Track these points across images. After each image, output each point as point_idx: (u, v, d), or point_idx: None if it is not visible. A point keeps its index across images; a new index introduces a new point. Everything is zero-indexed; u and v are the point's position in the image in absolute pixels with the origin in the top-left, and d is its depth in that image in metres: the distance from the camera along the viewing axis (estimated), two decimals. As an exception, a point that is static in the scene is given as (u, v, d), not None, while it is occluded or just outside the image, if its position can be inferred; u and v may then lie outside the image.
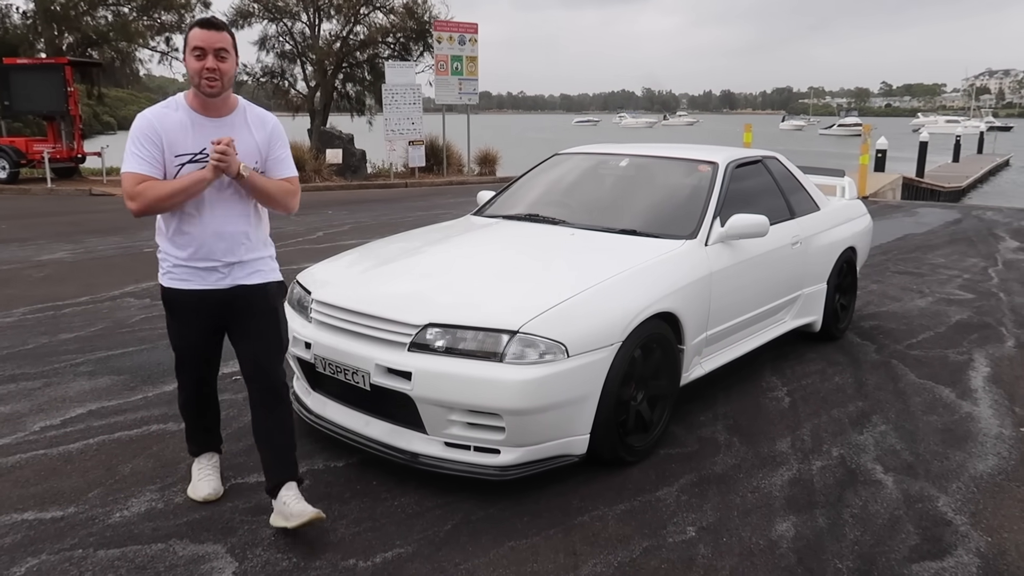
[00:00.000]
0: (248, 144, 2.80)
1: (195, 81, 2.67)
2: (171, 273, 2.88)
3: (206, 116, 2.76)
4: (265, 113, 2.92)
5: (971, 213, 12.98)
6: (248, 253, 2.90)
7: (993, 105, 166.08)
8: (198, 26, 2.66)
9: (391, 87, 17.65)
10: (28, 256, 8.51)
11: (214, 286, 2.85)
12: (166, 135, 2.70)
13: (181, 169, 2.72)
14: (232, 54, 2.71)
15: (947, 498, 3.28)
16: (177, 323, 2.96)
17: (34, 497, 3.19)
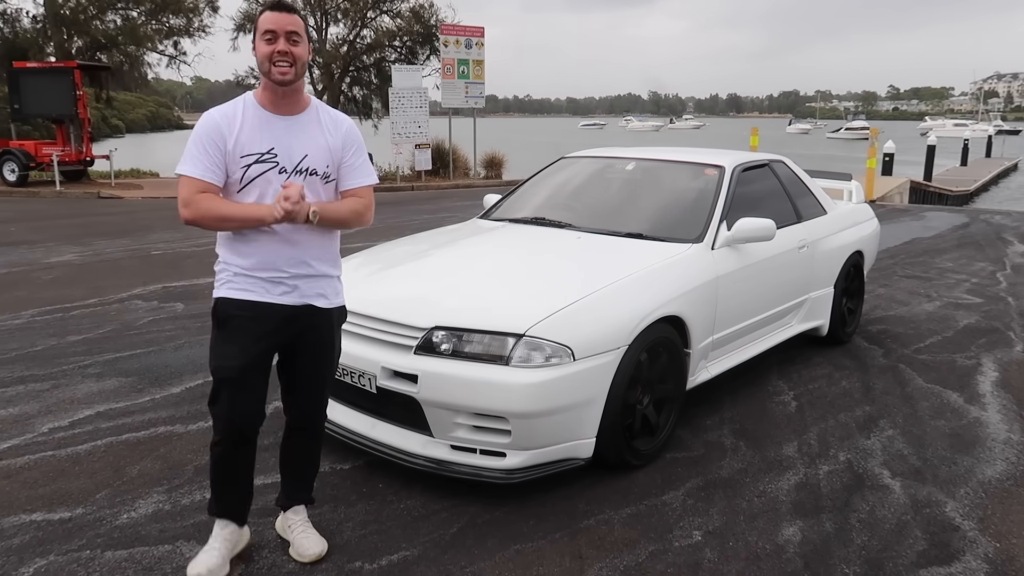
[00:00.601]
0: (320, 147, 2.56)
1: (265, 68, 2.44)
2: (231, 283, 2.55)
3: (276, 114, 2.52)
4: (339, 115, 2.68)
5: (979, 217, 12.93)
6: (317, 266, 2.60)
7: (1001, 109, 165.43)
8: (269, 9, 2.45)
9: (398, 91, 17.69)
10: (37, 258, 8.55)
11: (278, 300, 2.55)
12: (232, 135, 2.46)
13: (247, 170, 2.47)
14: (304, 39, 2.48)
15: (955, 503, 3.26)
16: (227, 339, 2.56)
17: (42, 498, 3.20)
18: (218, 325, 2.59)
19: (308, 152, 2.53)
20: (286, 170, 2.50)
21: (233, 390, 2.58)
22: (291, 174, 2.50)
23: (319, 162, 2.55)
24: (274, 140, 2.49)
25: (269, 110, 2.51)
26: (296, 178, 2.51)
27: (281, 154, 2.50)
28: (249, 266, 2.53)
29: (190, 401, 4.28)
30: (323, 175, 2.57)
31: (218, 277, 2.60)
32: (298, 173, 2.51)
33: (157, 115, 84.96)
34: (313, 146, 2.55)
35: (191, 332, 5.64)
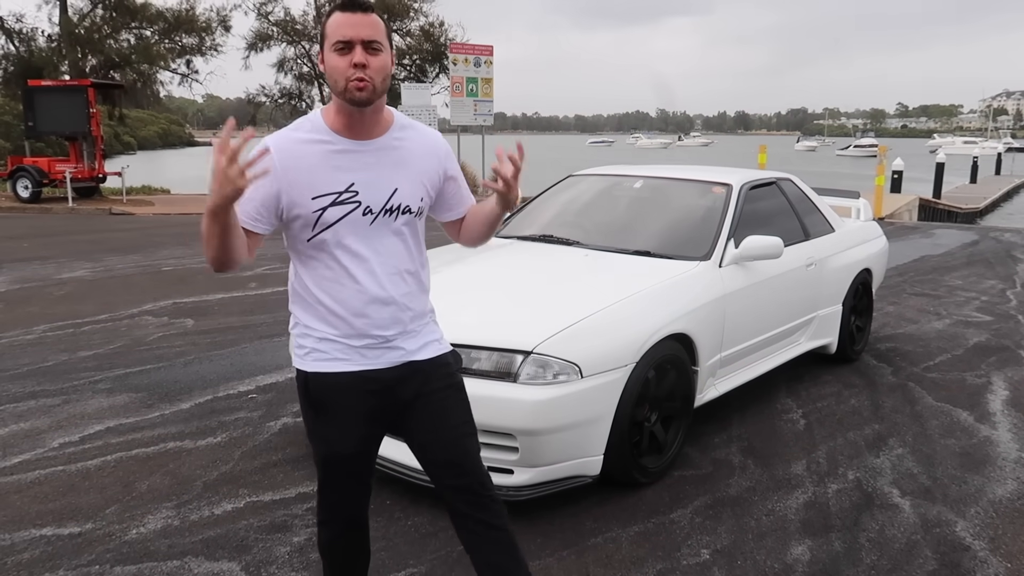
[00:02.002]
0: (413, 177, 2.03)
1: (338, 86, 1.89)
2: (316, 352, 2.05)
3: (354, 140, 1.97)
4: (429, 130, 2.15)
5: (989, 235, 12.89)
6: (415, 321, 2.10)
7: (1011, 126, 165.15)
8: (340, 10, 1.89)
9: (407, 108, 17.80)
10: (49, 274, 8.62)
11: (374, 365, 2.04)
12: (292, 172, 1.93)
13: (322, 214, 1.94)
14: (386, 47, 1.93)
15: (965, 523, 3.24)
16: (326, 421, 2.08)
17: (52, 513, 3.22)
18: (311, 405, 2.09)
19: (398, 185, 2.00)
20: (372, 211, 1.97)
21: (345, 476, 2.13)
22: (379, 215, 1.98)
23: (412, 196, 2.03)
24: (355, 173, 1.96)
25: (345, 136, 1.97)
26: (385, 219, 1.99)
27: (364, 191, 1.96)
28: (335, 333, 2.03)
29: (199, 417, 4.30)
30: (417, 212, 2.05)
31: (297, 344, 2.10)
32: (388, 213, 1.99)
33: (169, 132, 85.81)
34: (404, 176, 2.02)
35: (201, 348, 5.67)
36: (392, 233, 2.02)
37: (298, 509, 3.27)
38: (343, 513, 2.19)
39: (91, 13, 19.65)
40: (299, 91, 22.04)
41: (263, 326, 6.31)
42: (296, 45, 21.31)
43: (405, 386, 2.07)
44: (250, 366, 5.23)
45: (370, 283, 1.99)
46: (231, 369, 5.16)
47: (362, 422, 2.07)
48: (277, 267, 9.10)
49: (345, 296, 1.99)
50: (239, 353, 5.54)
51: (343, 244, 1.97)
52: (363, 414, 2.06)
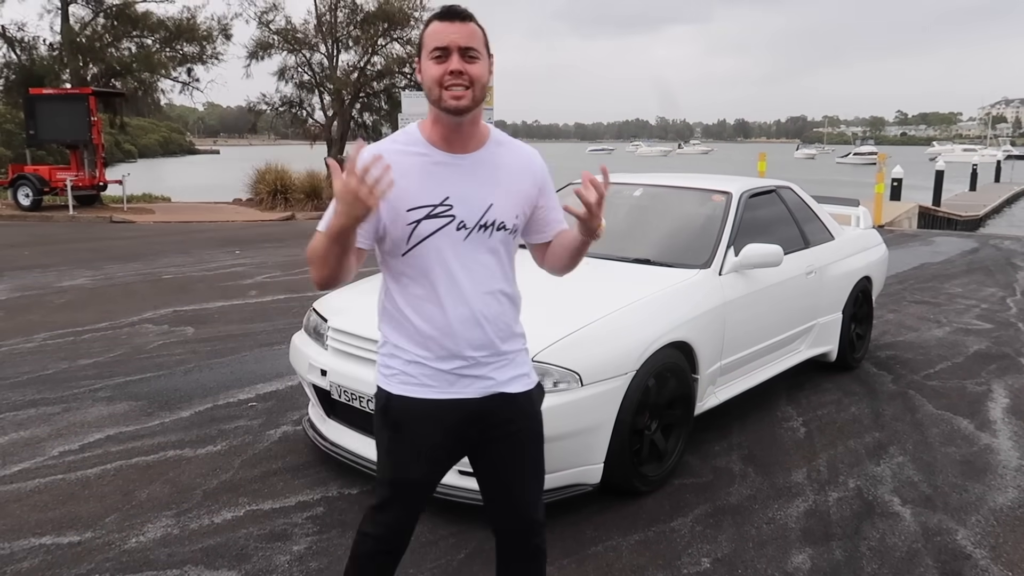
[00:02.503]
0: (508, 192, 1.97)
1: (434, 94, 1.87)
2: (403, 375, 2.00)
3: (450, 152, 1.93)
4: (524, 146, 2.09)
5: (988, 242, 12.90)
6: (507, 342, 2.03)
7: (1010, 134, 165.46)
8: (438, 19, 1.86)
9: (407, 116, 17.81)
10: (49, 282, 8.63)
11: (462, 394, 1.98)
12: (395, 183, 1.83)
13: (416, 227, 1.89)
14: (484, 55, 1.88)
15: (966, 531, 3.24)
16: (401, 444, 2.03)
17: (52, 521, 3.22)
18: (390, 426, 2.04)
19: (493, 200, 1.94)
20: (466, 226, 1.91)
21: (407, 499, 2.07)
22: (473, 230, 1.92)
23: (507, 212, 1.96)
24: (450, 187, 1.91)
25: (441, 148, 1.93)
26: (480, 235, 1.93)
27: (459, 205, 1.90)
28: (425, 355, 1.96)
29: (199, 425, 4.30)
30: (512, 228, 1.99)
31: (384, 364, 2.06)
32: (482, 229, 1.93)
33: (170, 140, 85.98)
34: (500, 192, 1.96)
35: (201, 356, 5.67)
36: (486, 250, 1.95)
37: (298, 518, 3.27)
38: (394, 531, 2.10)
39: (92, 22, 19.73)
40: (300, 99, 22.06)
41: (263, 334, 6.31)
42: (297, 54, 21.36)
43: (490, 418, 2.00)
44: (250, 374, 5.23)
45: (462, 301, 1.93)
46: (231, 377, 5.16)
47: (439, 450, 2.02)
48: (277, 275, 9.11)
49: (436, 315, 1.93)
50: (239, 361, 5.54)
51: (436, 260, 1.91)
52: (441, 443, 2.01)
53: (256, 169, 18.71)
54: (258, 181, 18.46)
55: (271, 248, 11.50)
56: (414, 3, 20.91)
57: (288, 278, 8.92)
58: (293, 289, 8.23)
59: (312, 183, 17.78)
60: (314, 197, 17.50)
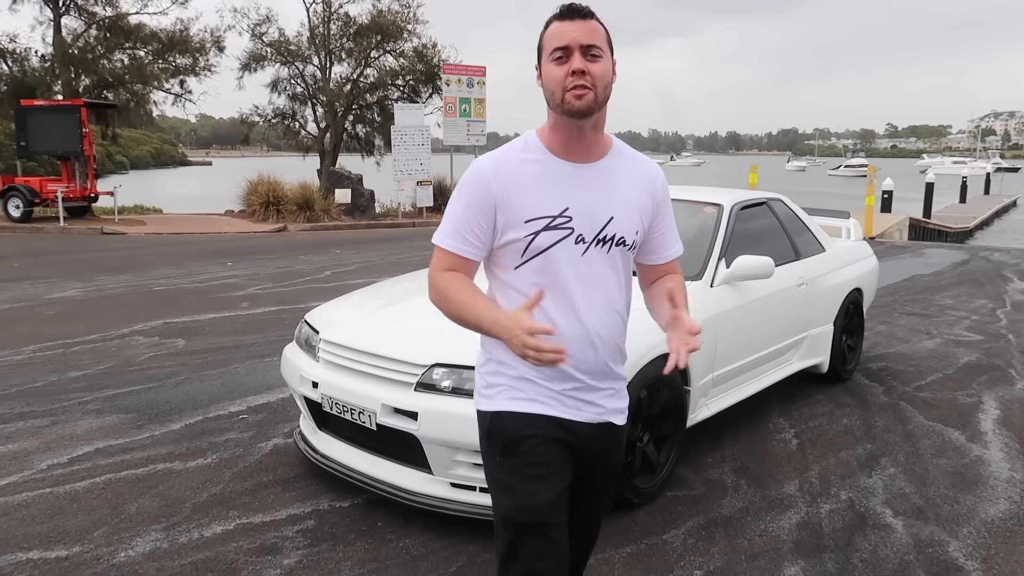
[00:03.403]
0: (629, 206, 1.85)
1: (556, 97, 1.75)
2: (513, 390, 1.84)
3: (570, 161, 1.82)
4: (645, 159, 1.96)
5: (978, 254, 12.98)
6: (618, 365, 1.94)
7: (1000, 147, 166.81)
8: (557, 19, 1.76)
9: (400, 128, 17.89)
10: (39, 294, 8.58)
11: (573, 415, 1.86)
12: (508, 194, 1.79)
13: (534, 239, 1.78)
14: (607, 53, 1.77)
15: (958, 543, 3.24)
16: (520, 467, 1.81)
17: (39, 536, 3.19)
18: (502, 451, 1.83)
19: (614, 214, 1.83)
20: (584, 239, 1.80)
21: (542, 537, 1.78)
22: (591, 244, 1.81)
23: (628, 227, 1.85)
24: (571, 197, 1.80)
25: (561, 156, 1.82)
26: (598, 249, 1.82)
27: (578, 217, 1.80)
28: (536, 374, 1.83)
29: (190, 438, 4.27)
30: (632, 244, 1.88)
31: (486, 383, 1.89)
32: (600, 243, 1.82)
33: (162, 152, 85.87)
34: (621, 205, 1.84)
35: (191, 368, 5.64)
36: (604, 266, 1.84)
37: (289, 531, 3.24)
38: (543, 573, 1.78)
39: (85, 34, 19.73)
40: (292, 111, 22.09)
41: (255, 346, 6.29)
42: (290, 66, 21.40)
43: (594, 446, 1.90)
44: (241, 386, 5.20)
45: (576, 319, 1.82)
46: (222, 389, 5.14)
47: (558, 470, 1.83)
48: (268, 287, 9.09)
49: (561, 328, 1.80)
50: (230, 373, 5.52)
51: (552, 274, 1.80)
52: (558, 462, 1.83)
53: (248, 181, 18.70)
54: (250, 193, 18.44)
55: (263, 260, 11.48)
56: (407, 16, 21.02)
57: (280, 290, 8.90)
58: (285, 301, 8.21)
59: (304, 195, 17.76)
60: (306, 209, 17.48)
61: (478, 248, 1.83)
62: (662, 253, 1.99)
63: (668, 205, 1.97)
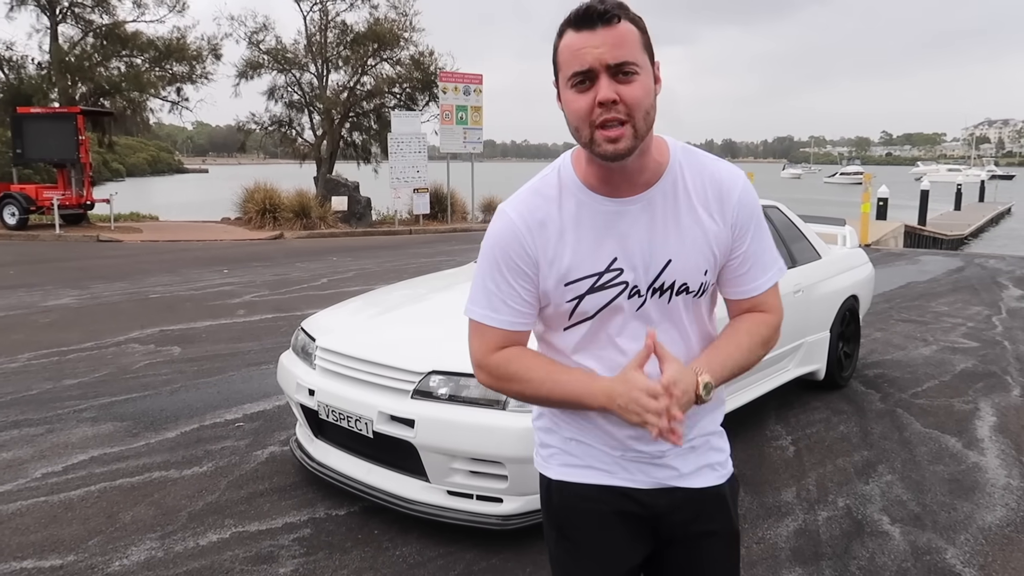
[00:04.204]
0: (693, 242, 1.45)
1: (583, 136, 1.36)
2: (563, 455, 1.57)
3: (612, 197, 1.44)
4: (720, 167, 1.50)
5: (974, 261, 13.01)
6: (695, 427, 1.54)
7: (994, 154, 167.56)
8: (571, 27, 1.34)
9: (397, 136, 17.92)
10: (35, 302, 8.56)
11: (635, 483, 1.53)
12: (544, 251, 1.45)
13: (579, 304, 1.45)
14: (645, 65, 1.34)
15: (955, 550, 3.24)
16: (572, 548, 1.57)
17: (34, 545, 3.17)
18: (556, 526, 1.59)
19: (672, 255, 1.44)
20: (639, 292, 1.45)
21: None
22: (648, 295, 1.46)
23: (692, 269, 1.46)
24: (616, 245, 1.44)
25: (600, 192, 1.44)
26: (656, 302, 1.46)
27: (629, 267, 1.44)
28: (590, 435, 1.53)
29: (185, 446, 4.26)
30: (700, 289, 1.48)
31: (540, 442, 1.62)
32: (658, 293, 1.46)
33: (158, 159, 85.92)
34: (681, 242, 1.45)
35: (187, 376, 5.62)
36: (665, 319, 1.47)
37: (285, 540, 3.23)
38: None
39: (82, 41, 19.75)
40: (289, 118, 22.14)
41: (251, 354, 6.27)
42: (287, 73, 21.44)
43: (668, 518, 1.55)
44: (237, 394, 5.19)
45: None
46: (218, 397, 5.12)
47: (620, 553, 1.54)
48: (265, 294, 9.08)
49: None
50: (226, 381, 5.50)
51: (601, 337, 1.48)
52: (621, 542, 1.54)
53: (245, 188, 18.71)
54: (247, 200, 18.45)
55: (260, 267, 11.47)
56: (404, 24, 21.08)
57: (276, 297, 8.89)
58: (281, 308, 8.19)
59: (301, 202, 17.77)
60: (303, 216, 17.49)
61: (528, 315, 1.50)
62: (743, 286, 1.52)
63: (754, 224, 1.49)
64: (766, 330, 1.52)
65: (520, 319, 1.49)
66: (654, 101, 1.36)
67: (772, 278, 1.52)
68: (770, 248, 1.52)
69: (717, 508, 1.56)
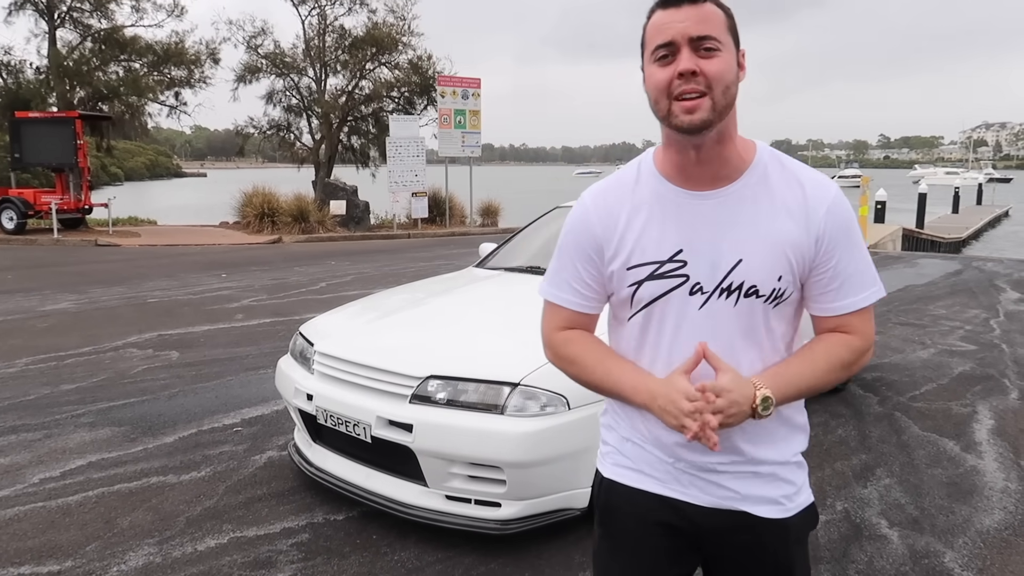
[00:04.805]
0: (770, 244, 1.40)
1: (662, 108, 1.37)
2: (616, 455, 1.57)
3: (687, 189, 1.43)
4: (810, 177, 1.45)
5: (971, 264, 13.03)
6: (761, 447, 1.48)
7: (991, 157, 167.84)
8: (660, 6, 1.38)
9: (395, 140, 17.94)
10: (32, 306, 8.55)
11: (687, 496, 1.49)
12: (610, 235, 1.47)
13: (637, 289, 1.45)
14: (728, 44, 1.36)
15: (954, 553, 3.24)
16: (612, 548, 1.55)
17: (31, 551, 3.16)
18: (600, 523, 1.59)
19: (744, 255, 1.40)
20: (703, 288, 1.42)
21: None
22: (712, 295, 1.42)
23: (764, 273, 1.41)
24: (683, 236, 1.42)
25: (675, 182, 1.44)
26: (721, 301, 1.42)
27: (694, 261, 1.42)
28: (643, 436, 1.51)
29: (183, 451, 4.25)
30: (773, 295, 1.42)
31: (603, 439, 1.63)
32: (725, 293, 1.42)
33: (156, 163, 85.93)
34: (756, 243, 1.40)
35: (185, 381, 5.62)
36: (730, 322, 1.42)
37: (283, 545, 3.23)
38: None
39: (80, 46, 19.76)
40: (288, 123, 22.14)
41: (249, 358, 6.27)
42: (285, 77, 21.45)
43: (728, 542, 1.49)
44: (235, 399, 5.18)
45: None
46: (216, 402, 5.12)
47: (657, 563, 1.50)
48: (263, 299, 9.08)
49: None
50: (224, 386, 5.50)
51: (660, 332, 1.45)
52: (660, 553, 1.50)
53: (243, 192, 18.72)
54: (245, 204, 18.46)
55: (258, 271, 11.46)
56: (402, 28, 21.11)
57: (274, 301, 8.88)
58: (279, 313, 8.19)
59: (299, 206, 17.78)
60: (301, 220, 17.49)
61: (590, 299, 1.52)
62: (830, 302, 1.44)
63: (846, 239, 1.42)
64: (847, 353, 1.45)
65: (583, 301, 1.53)
66: (736, 80, 1.37)
67: (864, 299, 1.44)
68: (865, 268, 1.45)
69: (774, 539, 1.49)
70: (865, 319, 1.46)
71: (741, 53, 1.40)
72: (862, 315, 1.46)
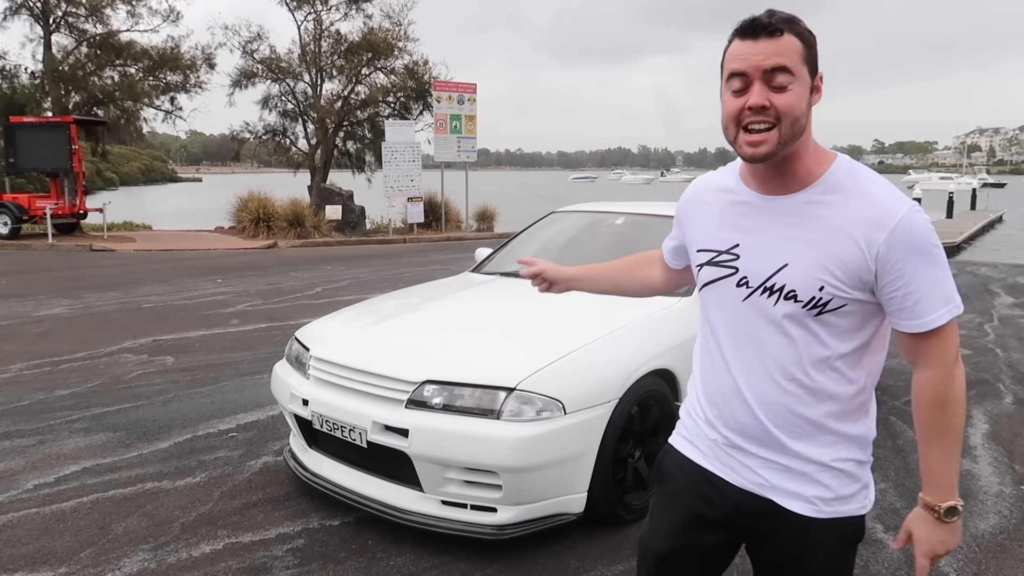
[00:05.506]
0: (817, 253, 1.45)
1: (730, 134, 1.47)
2: (681, 425, 1.75)
3: (760, 192, 1.54)
4: (880, 197, 1.45)
5: (966, 269, 13.07)
6: (801, 441, 1.53)
7: (985, 162, 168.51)
8: (738, 35, 1.44)
9: (391, 145, 17.95)
10: (27, 312, 8.52)
11: (720, 470, 1.62)
12: (691, 221, 1.69)
13: (700, 270, 1.64)
14: (802, 76, 1.41)
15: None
16: (660, 507, 1.73)
17: (25, 557, 3.15)
18: (655, 476, 1.78)
19: (790, 260, 1.48)
20: (748, 283, 1.53)
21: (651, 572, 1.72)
22: (755, 292, 1.52)
23: (805, 280, 1.46)
24: (744, 233, 1.55)
25: (751, 186, 1.56)
26: (762, 298, 1.51)
27: (746, 256, 1.54)
28: (698, 410, 1.68)
29: (178, 456, 4.24)
30: (812, 302, 1.47)
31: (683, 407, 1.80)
32: (766, 292, 1.51)
33: (151, 168, 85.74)
34: (803, 250, 1.47)
35: (180, 386, 5.61)
36: (766, 321, 1.51)
37: (278, 550, 3.22)
38: None
39: (75, 51, 19.73)
40: (283, 127, 22.14)
41: (244, 363, 6.26)
42: (281, 82, 21.45)
43: (756, 526, 1.60)
44: (231, 404, 5.17)
45: (725, 369, 1.58)
46: (211, 407, 5.11)
47: (689, 523, 1.64)
48: (258, 304, 9.06)
49: (707, 370, 1.65)
50: (220, 391, 5.49)
51: (712, 313, 1.63)
52: (693, 516, 1.64)
53: (239, 197, 18.70)
54: (241, 209, 18.44)
55: (253, 276, 11.45)
56: (398, 33, 21.14)
57: (270, 307, 8.87)
58: (275, 318, 8.18)
59: (295, 211, 17.77)
60: (297, 225, 17.48)
61: (674, 254, 1.88)
62: (908, 320, 1.46)
63: (917, 258, 1.42)
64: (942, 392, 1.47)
65: (669, 255, 1.89)
66: (807, 110, 1.44)
67: (938, 318, 1.44)
68: (939, 287, 1.44)
69: (802, 533, 1.55)
70: (942, 339, 1.46)
71: (819, 77, 1.46)
72: (939, 335, 1.46)
